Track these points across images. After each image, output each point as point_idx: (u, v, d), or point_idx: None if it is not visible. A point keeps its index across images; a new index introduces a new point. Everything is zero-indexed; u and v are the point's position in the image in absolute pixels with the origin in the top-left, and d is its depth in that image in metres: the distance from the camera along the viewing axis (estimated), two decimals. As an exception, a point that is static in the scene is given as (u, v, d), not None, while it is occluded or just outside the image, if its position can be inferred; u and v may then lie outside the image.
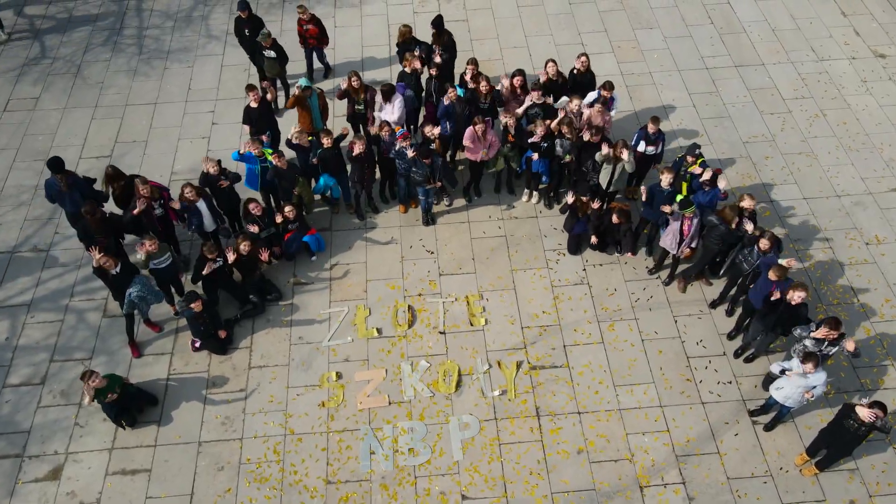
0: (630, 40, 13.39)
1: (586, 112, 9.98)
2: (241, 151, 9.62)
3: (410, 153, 9.42)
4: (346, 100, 10.47)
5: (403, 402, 8.72)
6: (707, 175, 9.06)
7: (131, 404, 8.35)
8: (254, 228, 9.41)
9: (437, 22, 10.89)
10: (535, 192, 10.75)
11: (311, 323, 9.45)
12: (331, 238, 10.41)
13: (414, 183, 9.96)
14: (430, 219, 10.54)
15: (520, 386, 8.84)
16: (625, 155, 9.27)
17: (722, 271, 9.67)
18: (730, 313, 9.46)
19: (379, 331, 9.35)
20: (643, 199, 9.35)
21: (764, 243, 8.41)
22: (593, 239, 9.83)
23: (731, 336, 9.25)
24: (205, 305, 8.70)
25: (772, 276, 8.05)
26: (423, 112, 10.87)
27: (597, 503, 7.90)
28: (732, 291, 9.37)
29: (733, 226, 8.82)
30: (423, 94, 10.65)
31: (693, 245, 9.35)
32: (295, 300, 9.70)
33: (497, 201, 10.87)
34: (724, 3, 14.14)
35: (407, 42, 10.99)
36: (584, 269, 10.00)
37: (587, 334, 9.32)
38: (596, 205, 9.58)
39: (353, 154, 9.63)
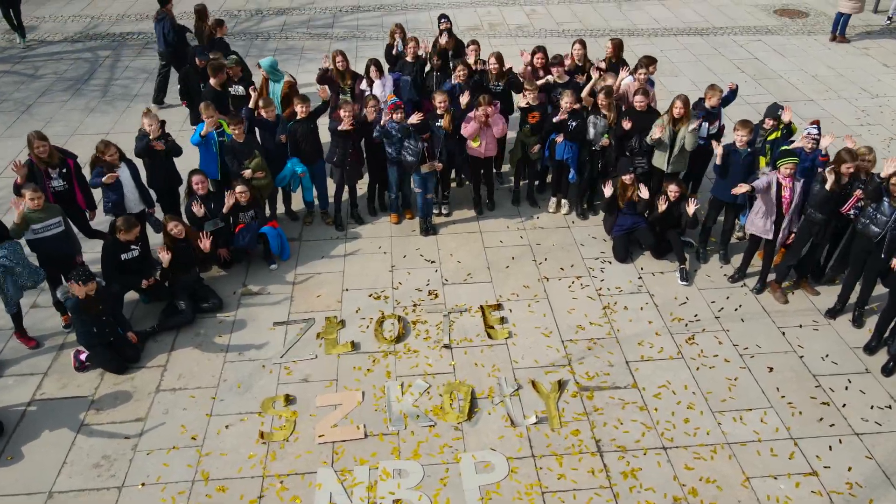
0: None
1: (625, 81, 8.05)
2: (203, 133, 7.37)
3: (397, 116, 7.33)
4: (326, 87, 8.50)
5: (388, 434, 5.58)
6: (807, 143, 6.87)
7: (-50, 421, 5.25)
8: (197, 208, 6.96)
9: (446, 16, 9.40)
10: (563, 201, 8.40)
11: (259, 337, 6.57)
12: (298, 249, 7.85)
13: (408, 166, 7.62)
14: (429, 228, 8.07)
15: (567, 412, 5.76)
16: (693, 125, 7.20)
17: (830, 268, 6.95)
18: (858, 322, 6.63)
19: (355, 345, 6.45)
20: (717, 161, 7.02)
21: (896, 185, 5.93)
22: (661, 205, 7.19)
23: (871, 348, 6.33)
24: (101, 294, 5.97)
25: (933, 218, 5.44)
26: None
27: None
28: (854, 295, 6.65)
29: (843, 178, 6.35)
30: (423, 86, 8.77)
31: (795, 229, 6.84)
32: (240, 313, 6.90)
33: (516, 213, 8.47)
34: (751, 59, 12.96)
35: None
36: (640, 278, 7.33)
37: (658, 348, 6.40)
38: (645, 193, 7.26)
39: (339, 127, 7.46)
